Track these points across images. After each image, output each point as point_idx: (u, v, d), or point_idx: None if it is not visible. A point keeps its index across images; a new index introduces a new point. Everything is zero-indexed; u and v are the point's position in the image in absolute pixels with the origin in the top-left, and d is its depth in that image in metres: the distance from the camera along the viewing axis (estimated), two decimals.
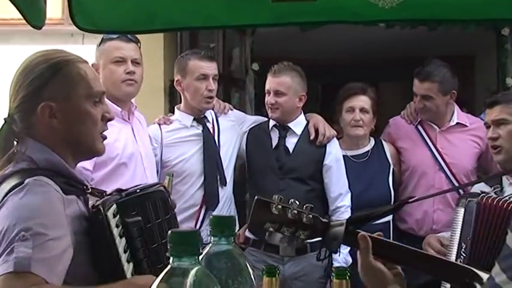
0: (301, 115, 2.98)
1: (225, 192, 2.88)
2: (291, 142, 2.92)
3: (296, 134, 2.93)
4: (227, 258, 1.10)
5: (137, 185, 1.69)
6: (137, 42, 2.62)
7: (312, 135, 2.90)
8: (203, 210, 2.82)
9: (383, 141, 3.10)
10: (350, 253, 2.65)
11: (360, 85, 3.04)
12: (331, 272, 1.35)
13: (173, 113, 3.02)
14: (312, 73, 3.35)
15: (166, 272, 0.92)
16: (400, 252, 1.40)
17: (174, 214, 1.72)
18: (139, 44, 2.64)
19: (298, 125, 2.95)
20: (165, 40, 4.24)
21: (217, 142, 2.91)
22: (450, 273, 1.41)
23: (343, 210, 2.86)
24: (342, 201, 2.88)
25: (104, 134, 1.59)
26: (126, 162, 2.48)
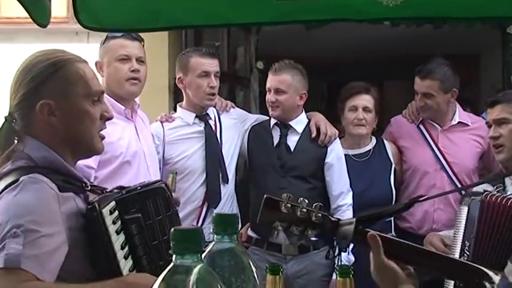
0: (302, 113, 2.97)
1: (227, 189, 2.88)
2: (292, 140, 2.92)
3: (297, 132, 2.92)
4: (230, 256, 1.10)
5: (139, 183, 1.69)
6: (141, 40, 2.63)
7: (313, 133, 2.89)
8: (205, 207, 2.82)
9: (385, 140, 3.09)
10: (352, 252, 2.65)
11: (363, 84, 3.02)
12: (334, 270, 1.35)
13: (176, 111, 3.02)
14: (317, 71, 3.35)
15: (169, 270, 0.91)
16: (411, 251, 1.39)
17: (176, 211, 1.73)
18: (143, 43, 2.64)
19: (299, 123, 2.94)
20: (170, 38, 4.24)
21: (219, 139, 2.90)
22: (461, 272, 1.41)
23: (344, 208, 2.85)
24: (344, 199, 2.87)
25: (102, 134, 1.60)
26: (130, 160, 2.48)
